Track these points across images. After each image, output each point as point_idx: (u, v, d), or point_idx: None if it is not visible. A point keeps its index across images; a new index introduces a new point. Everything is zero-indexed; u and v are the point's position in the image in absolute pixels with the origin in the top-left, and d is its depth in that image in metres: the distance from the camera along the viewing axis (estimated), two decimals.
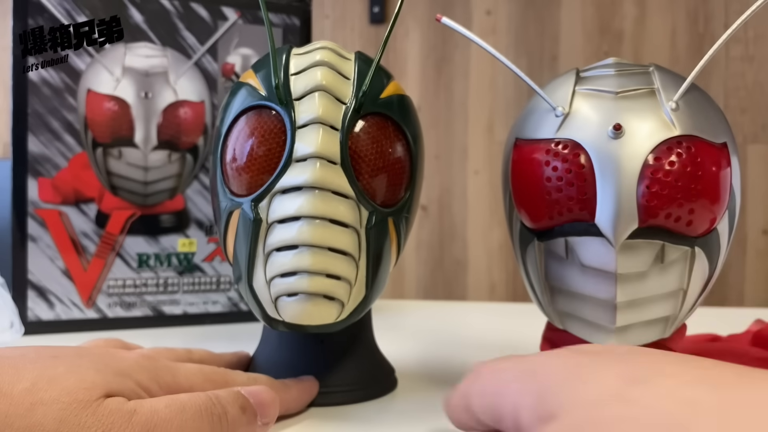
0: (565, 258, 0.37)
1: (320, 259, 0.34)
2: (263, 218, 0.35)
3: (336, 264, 0.35)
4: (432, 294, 1.84)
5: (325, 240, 0.34)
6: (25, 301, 0.58)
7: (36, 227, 0.58)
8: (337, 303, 0.36)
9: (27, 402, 0.24)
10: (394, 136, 0.37)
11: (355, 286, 0.36)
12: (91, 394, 0.26)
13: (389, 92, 0.38)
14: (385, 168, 0.37)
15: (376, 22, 1.88)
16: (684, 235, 0.35)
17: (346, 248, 0.35)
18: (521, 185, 0.37)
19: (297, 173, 0.34)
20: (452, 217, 1.83)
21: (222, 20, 0.63)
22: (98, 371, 0.27)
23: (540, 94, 0.37)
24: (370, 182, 0.36)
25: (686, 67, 0.39)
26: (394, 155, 0.37)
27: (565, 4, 1.78)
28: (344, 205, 0.35)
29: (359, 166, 0.36)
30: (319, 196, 0.34)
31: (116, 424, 0.25)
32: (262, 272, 0.35)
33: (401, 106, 0.39)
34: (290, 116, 0.35)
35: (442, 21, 0.38)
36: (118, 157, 0.60)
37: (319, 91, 0.35)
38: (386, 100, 0.38)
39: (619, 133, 0.34)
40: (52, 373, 0.26)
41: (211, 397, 0.29)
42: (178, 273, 0.62)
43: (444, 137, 1.82)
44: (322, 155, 0.34)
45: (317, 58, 0.36)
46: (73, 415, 0.25)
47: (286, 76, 0.36)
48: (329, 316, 0.36)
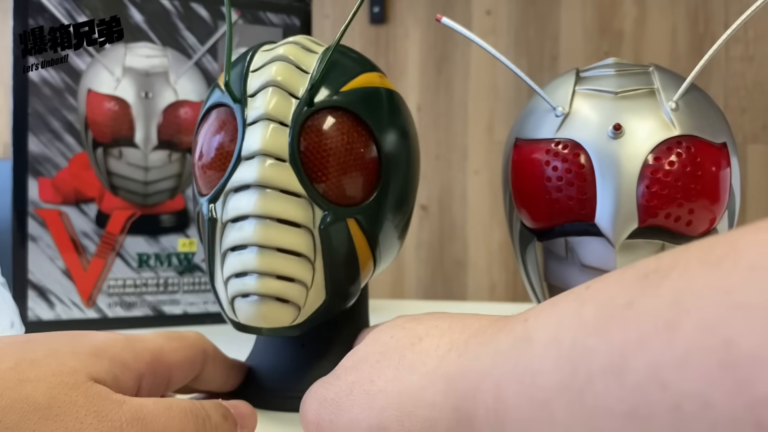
0: (565, 258, 0.37)
1: (268, 260, 0.33)
2: (218, 218, 0.34)
3: (286, 265, 0.33)
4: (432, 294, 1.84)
5: (272, 240, 0.33)
6: (26, 300, 0.58)
7: (36, 227, 0.58)
8: (292, 306, 0.34)
9: (14, 378, 0.24)
10: (353, 131, 0.35)
11: (311, 289, 0.34)
12: (77, 378, 0.26)
13: (357, 84, 0.36)
14: (341, 165, 0.34)
15: (376, 22, 1.88)
16: (684, 234, 0.35)
17: (297, 249, 0.33)
18: (521, 185, 0.37)
19: (245, 171, 0.33)
20: (452, 217, 1.83)
21: (222, 20, 0.63)
22: (75, 354, 0.27)
23: (540, 94, 0.37)
24: (324, 180, 0.34)
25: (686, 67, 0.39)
26: (352, 152, 0.34)
27: (565, 4, 1.78)
28: (294, 204, 0.33)
29: (311, 164, 0.34)
30: (266, 194, 0.33)
31: (107, 408, 0.25)
32: (220, 272, 0.35)
33: (369, 99, 0.36)
34: (242, 113, 0.34)
35: (442, 21, 0.38)
36: (119, 157, 0.60)
37: (271, 87, 0.34)
38: (348, 93, 0.35)
39: (619, 133, 0.34)
40: (33, 357, 0.26)
41: (195, 402, 0.29)
42: (178, 273, 0.62)
43: (444, 137, 1.82)
44: (269, 152, 0.33)
45: (277, 54, 0.35)
46: (63, 393, 0.25)
47: (246, 73, 0.35)
48: (283, 319, 0.34)
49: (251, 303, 0.34)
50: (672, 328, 0.15)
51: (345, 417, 0.26)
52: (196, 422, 0.28)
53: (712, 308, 0.15)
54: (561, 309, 0.19)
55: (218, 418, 0.30)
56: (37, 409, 0.24)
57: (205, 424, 0.29)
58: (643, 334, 0.16)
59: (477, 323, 0.25)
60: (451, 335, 0.25)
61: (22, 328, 0.49)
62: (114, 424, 0.25)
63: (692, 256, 0.16)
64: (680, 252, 0.17)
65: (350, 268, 0.36)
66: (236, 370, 0.38)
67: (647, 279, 0.17)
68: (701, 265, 0.16)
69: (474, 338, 0.23)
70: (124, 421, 0.26)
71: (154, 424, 0.27)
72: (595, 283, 0.19)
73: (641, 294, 0.17)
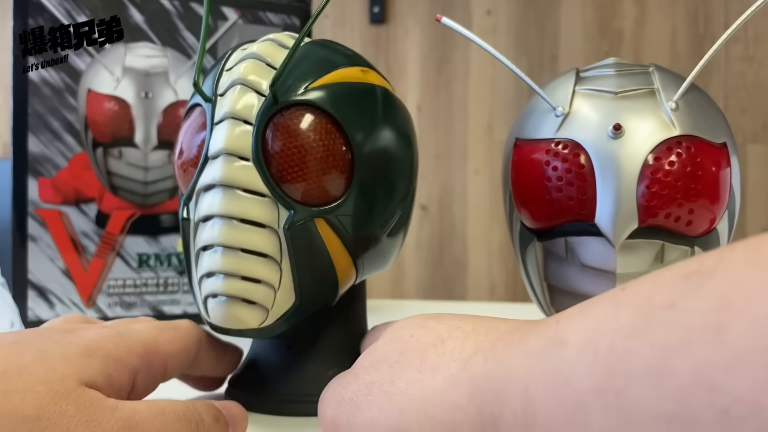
0: (565, 258, 0.37)
1: (233, 261, 0.33)
2: (191, 217, 0.34)
3: (251, 266, 0.33)
4: (432, 294, 1.84)
5: (235, 240, 0.33)
6: (26, 300, 0.58)
7: (36, 227, 0.58)
8: (259, 308, 0.34)
9: (1, 389, 0.23)
10: (321, 129, 0.33)
11: (279, 291, 0.33)
12: (67, 385, 0.25)
13: (331, 80, 0.34)
14: (305, 165, 0.33)
15: (376, 22, 1.88)
16: (684, 234, 0.35)
17: (262, 250, 0.33)
18: (521, 185, 0.37)
19: (210, 171, 0.33)
20: (452, 217, 1.83)
21: (222, 20, 0.63)
22: (65, 357, 0.26)
23: (540, 94, 0.37)
24: (288, 180, 0.33)
25: (686, 67, 0.39)
26: (319, 150, 0.33)
27: (565, 4, 1.78)
28: (257, 204, 0.33)
29: (275, 163, 0.33)
30: (230, 194, 0.32)
31: (98, 416, 0.25)
32: (195, 272, 0.35)
33: (343, 95, 0.34)
34: (212, 112, 0.34)
35: (442, 21, 0.38)
36: (119, 157, 0.60)
37: (239, 85, 0.33)
38: (318, 90, 0.34)
39: (619, 133, 0.34)
40: (20, 362, 0.25)
41: (188, 404, 0.29)
42: (178, 273, 0.62)
43: (444, 137, 1.82)
44: (232, 151, 0.33)
45: (249, 51, 0.35)
46: (52, 403, 0.24)
47: (221, 72, 0.35)
48: (250, 321, 0.34)
49: (219, 303, 0.34)
50: (720, 330, 0.15)
51: (363, 417, 0.25)
52: (189, 426, 0.28)
53: (764, 310, 0.14)
54: (596, 311, 0.19)
55: (210, 421, 0.30)
56: (26, 421, 0.23)
57: (198, 427, 0.29)
58: (687, 336, 0.16)
59: (503, 326, 0.24)
60: (476, 338, 0.24)
61: (21, 328, 0.49)
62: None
63: (738, 257, 0.16)
64: (723, 253, 0.16)
65: (323, 269, 0.34)
66: (230, 354, 0.38)
67: (689, 280, 0.16)
68: (750, 267, 0.15)
69: (501, 341, 0.23)
70: (117, 430, 0.25)
71: (147, 430, 0.26)
72: (631, 285, 0.19)
73: (683, 295, 0.16)
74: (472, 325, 0.25)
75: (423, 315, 0.28)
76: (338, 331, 0.38)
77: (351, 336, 0.39)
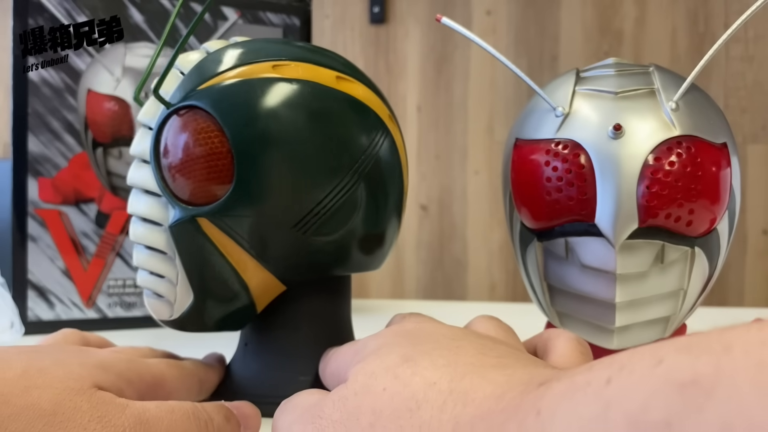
0: (565, 258, 0.37)
1: (141, 256, 0.36)
2: None
3: (153, 262, 0.36)
4: (432, 294, 1.84)
5: (139, 237, 0.36)
6: (25, 301, 0.58)
7: (36, 227, 0.58)
8: (166, 302, 0.36)
9: (21, 385, 0.25)
10: (199, 129, 0.34)
11: (178, 286, 0.35)
12: (82, 384, 0.26)
13: (222, 79, 0.34)
14: (185, 164, 0.34)
15: (376, 22, 1.88)
16: (684, 235, 0.35)
17: (159, 246, 0.35)
18: (521, 185, 0.37)
19: None
20: (452, 217, 1.83)
21: (222, 20, 0.63)
22: (81, 364, 0.28)
23: (540, 94, 0.37)
24: (172, 179, 0.34)
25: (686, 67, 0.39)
26: (196, 151, 0.33)
27: (565, 4, 1.78)
28: (154, 203, 0.35)
29: (162, 164, 0.35)
30: (135, 194, 0.36)
31: (111, 413, 0.26)
32: None
33: (227, 94, 0.34)
34: None
35: (442, 21, 0.38)
36: (118, 157, 0.60)
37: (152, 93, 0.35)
38: (203, 91, 0.34)
39: (619, 133, 0.34)
40: (41, 365, 0.26)
41: (197, 405, 0.30)
42: None
43: (444, 137, 1.82)
44: (137, 155, 0.36)
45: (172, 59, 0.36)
46: (68, 399, 0.25)
47: None
48: (162, 312, 0.37)
49: (144, 295, 0.38)
50: None
51: None
52: (198, 424, 0.29)
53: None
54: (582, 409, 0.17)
55: (221, 420, 0.30)
56: (42, 416, 0.24)
57: (207, 425, 0.29)
58: None
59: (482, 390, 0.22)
60: (453, 408, 0.22)
61: (21, 328, 0.49)
62: (117, 429, 0.26)
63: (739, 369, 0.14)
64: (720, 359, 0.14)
65: (219, 269, 0.35)
66: None
67: (685, 392, 0.15)
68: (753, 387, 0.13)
69: (481, 420, 0.21)
70: (128, 426, 0.26)
71: (157, 427, 0.27)
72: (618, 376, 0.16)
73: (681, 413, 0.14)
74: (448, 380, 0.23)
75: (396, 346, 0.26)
76: (301, 330, 0.37)
77: (318, 335, 0.37)
